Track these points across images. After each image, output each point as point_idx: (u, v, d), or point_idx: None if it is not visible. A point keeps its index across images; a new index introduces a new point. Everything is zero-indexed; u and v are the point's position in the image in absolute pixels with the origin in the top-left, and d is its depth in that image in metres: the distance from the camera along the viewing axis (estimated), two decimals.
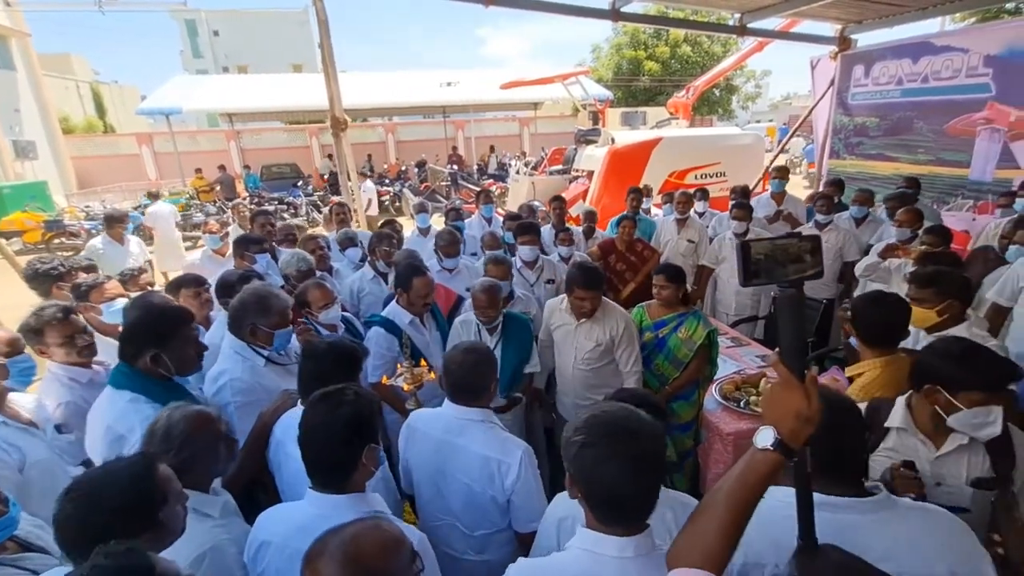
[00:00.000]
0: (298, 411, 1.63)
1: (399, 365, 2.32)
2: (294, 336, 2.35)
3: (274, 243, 4.23)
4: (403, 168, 18.62)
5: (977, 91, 5.17)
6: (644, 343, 2.87)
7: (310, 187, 16.01)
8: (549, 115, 24.11)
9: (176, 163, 16.73)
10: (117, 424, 1.68)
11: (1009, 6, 12.29)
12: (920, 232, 3.46)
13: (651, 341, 2.86)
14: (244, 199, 13.08)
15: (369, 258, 3.74)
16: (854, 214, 4.56)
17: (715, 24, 8.64)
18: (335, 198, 11.08)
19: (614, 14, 5.59)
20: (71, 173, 18.99)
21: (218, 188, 14.63)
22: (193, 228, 10.88)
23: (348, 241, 4.11)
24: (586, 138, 8.55)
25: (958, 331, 2.09)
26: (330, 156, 17.50)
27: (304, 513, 1.36)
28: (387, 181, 16.36)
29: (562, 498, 1.45)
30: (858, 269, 3.53)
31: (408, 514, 2.25)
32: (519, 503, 1.72)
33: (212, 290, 2.83)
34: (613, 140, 7.89)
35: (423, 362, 2.36)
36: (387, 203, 13.60)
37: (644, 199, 5.48)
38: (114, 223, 4.89)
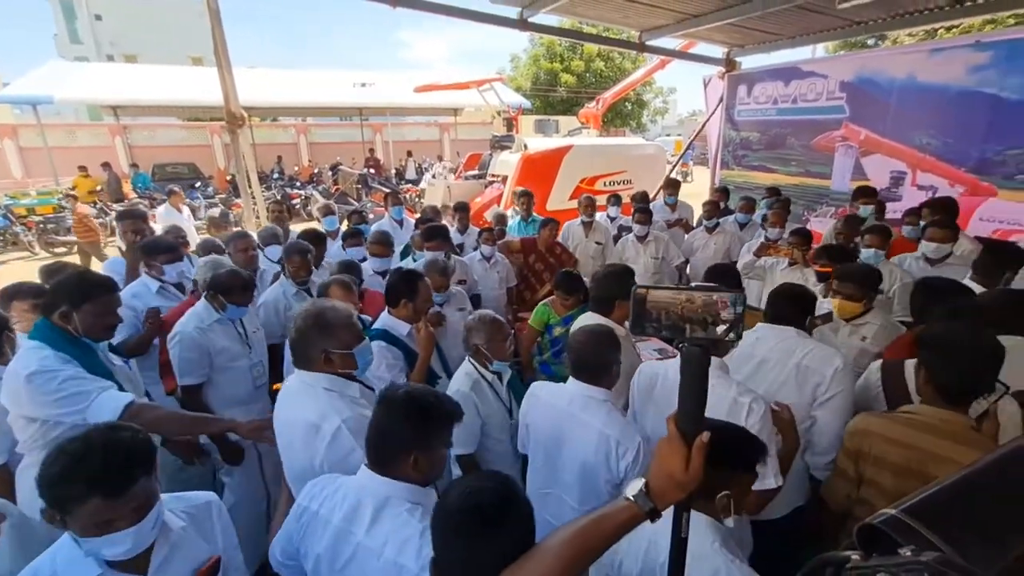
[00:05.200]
0: None
1: None
2: None
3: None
4: (316, 171, 17.82)
5: (835, 112, 5.91)
6: (556, 338, 3.05)
7: (210, 188, 14.86)
8: (470, 121, 24.15)
9: (48, 160, 14.78)
10: (17, 365, 1.82)
11: (870, 42, 14.20)
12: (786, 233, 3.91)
13: (562, 335, 3.00)
14: (131, 200, 11.85)
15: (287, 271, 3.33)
16: (739, 220, 5.04)
17: (616, 39, 9.15)
18: (237, 201, 10.37)
19: (521, 23, 5.73)
20: None
21: (100, 189, 13.09)
22: (66, 232, 9.69)
23: (272, 238, 3.99)
24: (501, 144, 8.71)
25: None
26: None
27: None
28: (298, 184, 15.60)
29: None
30: (739, 268, 3.89)
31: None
32: None
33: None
34: (526, 146, 8.09)
35: None
36: (298, 207, 12.98)
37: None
38: None
